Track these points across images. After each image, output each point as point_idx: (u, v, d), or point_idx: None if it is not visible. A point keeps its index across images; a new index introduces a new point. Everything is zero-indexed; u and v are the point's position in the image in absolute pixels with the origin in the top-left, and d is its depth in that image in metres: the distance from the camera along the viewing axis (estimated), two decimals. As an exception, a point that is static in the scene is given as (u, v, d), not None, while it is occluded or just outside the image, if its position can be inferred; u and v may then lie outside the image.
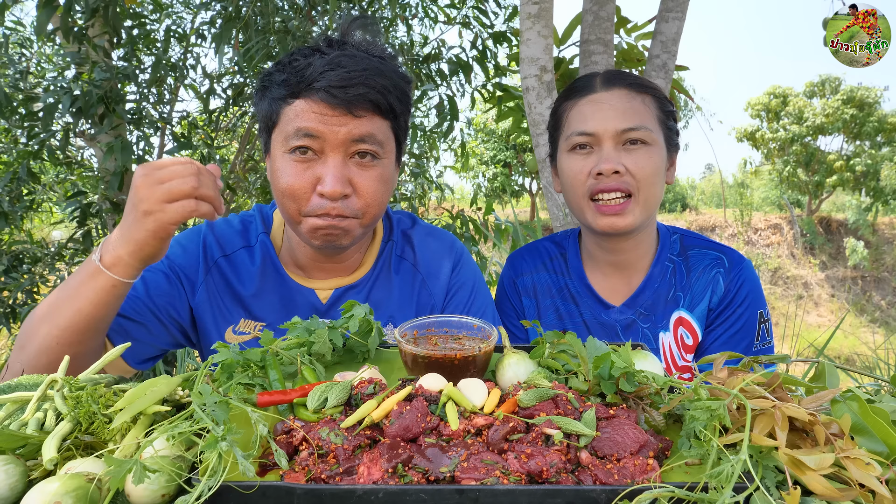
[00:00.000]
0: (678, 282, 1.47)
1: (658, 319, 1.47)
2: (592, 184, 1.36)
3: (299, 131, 1.13)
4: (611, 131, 1.34)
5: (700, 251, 1.49)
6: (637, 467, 0.68)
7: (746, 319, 1.43)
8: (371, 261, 1.39)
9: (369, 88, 1.13)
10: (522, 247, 1.67)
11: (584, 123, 1.37)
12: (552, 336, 0.96)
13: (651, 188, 1.36)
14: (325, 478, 0.68)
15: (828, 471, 0.64)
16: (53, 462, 0.71)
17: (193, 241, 1.34)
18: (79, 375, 0.89)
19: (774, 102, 20.39)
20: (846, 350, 11.60)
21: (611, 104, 1.36)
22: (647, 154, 1.35)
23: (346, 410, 0.80)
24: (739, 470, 0.62)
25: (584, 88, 1.41)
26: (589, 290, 1.52)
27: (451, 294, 1.41)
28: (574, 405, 0.77)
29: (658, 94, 1.41)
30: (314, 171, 1.15)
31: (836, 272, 17.84)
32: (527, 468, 0.67)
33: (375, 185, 1.19)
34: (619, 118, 1.34)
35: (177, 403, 0.86)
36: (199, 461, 0.66)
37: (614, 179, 1.33)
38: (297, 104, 1.14)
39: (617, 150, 1.34)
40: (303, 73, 1.13)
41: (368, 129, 1.15)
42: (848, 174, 18.78)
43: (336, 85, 1.11)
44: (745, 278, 1.45)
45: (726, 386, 0.77)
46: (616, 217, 1.35)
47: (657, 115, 1.39)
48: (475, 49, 3.90)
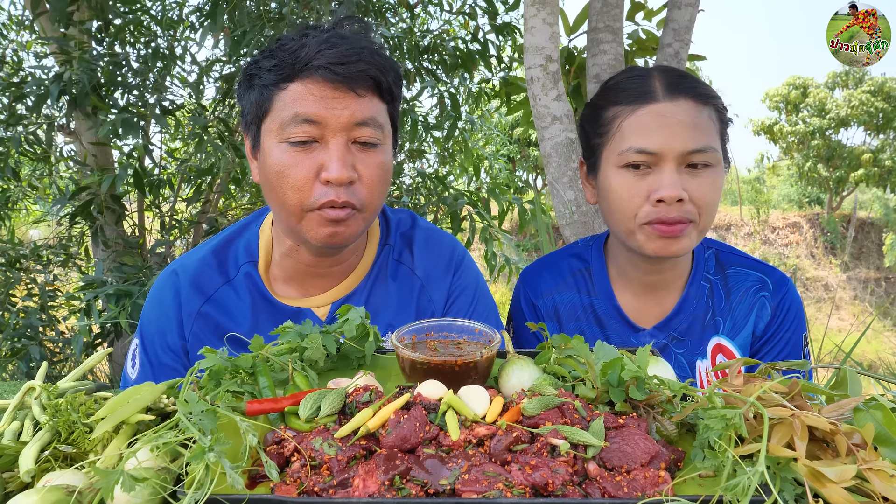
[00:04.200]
0: (716, 304, 1.43)
1: (694, 345, 1.43)
2: (651, 211, 1.26)
3: (297, 117, 1.12)
4: (677, 151, 1.23)
5: (740, 271, 1.44)
6: (648, 479, 0.68)
7: (793, 345, 1.41)
8: (367, 266, 1.38)
9: (370, 65, 1.13)
10: (538, 261, 1.59)
11: (647, 140, 1.25)
12: (558, 341, 0.96)
13: (711, 215, 1.29)
14: (318, 491, 0.68)
15: (849, 483, 0.64)
16: (31, 474, 0.71)
17: (166, 298, 1.31)
18: (58, 382, 0.89)
19: (794, 94, 20.38)
20: (869, 355, 11.59)
21: (678, 119, 1.24)
22: (711, 178, 1.26)
23: (341, 419, 0.80)
24: (756, 482, 0.62)
25: (645, 95, 1.29)
26: (617, 312, 1.45)
27: (453, 299, 1.41)
28: (581, 414, 0.77)
29: (720, 104, 1.32)
30: (315, 158, 1.14)
31: (858, 273, 17.84)
32: (531, 480, 0.67)
33: (378, 173, 1.18)
34: (687, 137, 1.23)
35: (161, 412, 0.86)
36: (185, 473, 0.66)
37: (676, 208, 1.24)
38: (293, 87, 1.13)
39: (679, 173, 1.25)
40: (297, 53, 1.13)
41: (370, 112, 1.15)
42: (874, 169, 18.75)
43: (336, 61, 1.11)
44: (791, 301, 1.41)
45: (742, 393, 0.77)
46: (671, 240, 1.28)
47: (719, 130, 1.30)
48: (477, 42, 3.91)
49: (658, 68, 1.35)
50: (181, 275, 1.32)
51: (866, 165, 19.06)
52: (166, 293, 1.32)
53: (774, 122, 20.93)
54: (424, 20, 4.69)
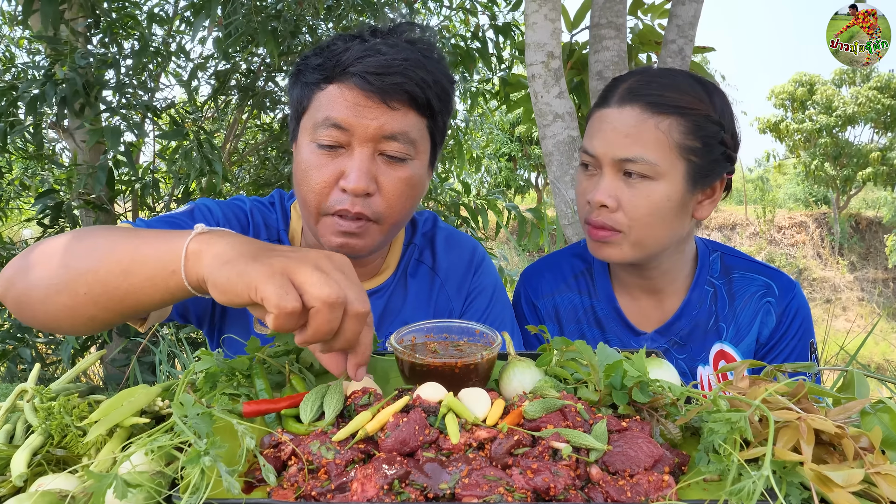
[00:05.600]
0: (720, 310, 1.41)
1: (696, 351, 1.42)
2: (588, 210, 1.31)
3: (328, 120, 1.13)
4: (609, 157, 1.25)
5: (745, 275, 1.42)
6: (651, 484, 0.68)
7: (799, 353, 1.39)
8: (393, 265, 1.40)
9: (407, 79, 1.12)
10: (540, 261, 1.60)
11: (590, 142, 1.30)
12: (560, 343, 0.96)
13: (646, 229, 1.26)
14: (315, 495, 0.68)
15: (857, 488, 0.64)
16: (23, 478, 0.71)
17: (241, 213, 1.33)
18: (50, 385, 0.89)
19: (800, 91, 20.39)
20: (877, 357, 11.59)
21: (615, 125, 1.25)
22: (647, 191, 1.24)
23: (339, 422, 0.80)
24: (762, 487, 0.62)
25: (605, 98, 1.32)
26: (617, 314, 1.46)
27: (471, 300, 1.43)
28: (584, 417, 0.77)
29: (692, 113, 1.24)
30: (339, 164, 1.15)
31: (865, 273, 17.85)
32: (533, 484, 0.67)
33: (401, 188, 1.17)
34: (617, 144, 1.24)
35: (156, 415, 0.86)
36: (181, 477, 0.66)
37: (602, 213, 1.27)
38: (330, 90, 1.14)
39: (616, 179, 1.26)
40: (339, 56, 1.13)
41: (402, 126, 1.14)
42: (883, 167, 18.76)
43: (372, 71, 1.11)
44: (797, 307, 1.40)
45: (747, 396, 0.77)
46: (599, 244, 1.30)
47: (677, 143, 1.23)
48: (477, 40, 3.91)
49: (642, 73, 1.33)
50: (254, 207, 1.35)
51: (874, 164, 19.08)
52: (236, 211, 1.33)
53: (780, 119, 20.94)
54: (424, 18, 4.69)
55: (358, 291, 0.78)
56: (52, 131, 3.61)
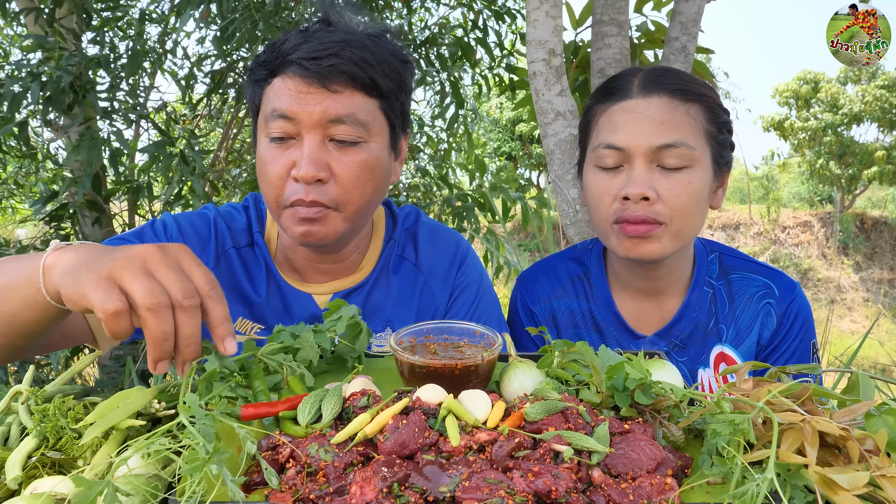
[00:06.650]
0: (719, 311, 1.41)
1: (696, 354, 1.42)
2: (617, 209, 1.26)
3: (274, 112, 1.15)
4: (643, 147, 1.23)
5: (744, 276, 1.42)
6: (654, 487, 0.69)
7: (801, 355, 1.39)
8: (372, 262, 1.40)
9: (343, 59, 1.13)
10: (535, 265, 1.59)
11: (614, 135, 1.26)
12: (562, 344, 0.96)
13: (687, 218, 1.25)
14: (313, 498, 0.68)
15: (862, 490, 0.64)
16: (18, 481, 0.71)
17: (203, 223, 1.34)
18: (45, 387, 0.89)
19: (805, 89, 20.38)
20: (882, 359, 11.58)
21: (647, 114, 1.24)
22: (687, 178, 1.24)
23: (337, 424, 0.80)
24: (766, 489, 0.62)
25: (619, 91, 1.30)
26: (616, 318, 1.45)
27: (456, 296, 1.42)
28: (585, 419, 0.77)
29: (710, 101, 1.29)
30: (290, 155, 1.16)
31: (871, 274, 17.84)
32: (534, 488, 0.67)
33: (356, 171, 1.17)
34: (654, 132, 1.23)
35: (152, 417, 0.86)
36: (178, 479, 0.66)
37: (642, 207, 1.23)
38: (275, 83, 1.17)
39: (650, 171, 1.24)
40: (280, 49, 1.16)
41: (347, 108, 1.15)
42: (888, 166, 18.75)
43: (307, 56, 1.13)
44: (798, 307, 1.39)
45: (751, 398, 0.77)
46: (640, 241, 1.26)
47: (705, 129, 1.27)
48: (477, 29, 3.90)
49: (646, 69, 1.35)
50: (219, 216, 1.36)
51: (879, 163, 19.07)
52: (202, 220, 1.34)
53: (785, 117, 20.92)
54: (422, 17, 4.69)
55: (182, 285, 0.78)
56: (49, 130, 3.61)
